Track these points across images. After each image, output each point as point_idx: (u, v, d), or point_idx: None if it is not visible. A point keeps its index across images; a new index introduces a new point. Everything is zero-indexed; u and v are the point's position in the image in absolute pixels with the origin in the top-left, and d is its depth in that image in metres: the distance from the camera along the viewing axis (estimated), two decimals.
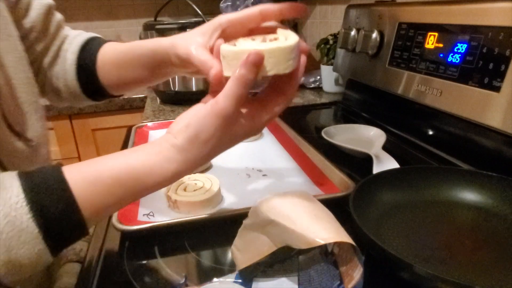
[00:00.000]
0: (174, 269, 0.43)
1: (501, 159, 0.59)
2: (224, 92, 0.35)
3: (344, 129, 0.81)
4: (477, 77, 0.59)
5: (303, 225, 0.35)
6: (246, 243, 0.39)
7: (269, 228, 0.37)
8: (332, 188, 0.57)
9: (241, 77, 0.34)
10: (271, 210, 0.37)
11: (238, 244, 0.40)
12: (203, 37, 0.42)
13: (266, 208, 0.37)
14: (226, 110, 0.34)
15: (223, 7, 1.20)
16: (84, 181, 0.34)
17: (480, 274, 0.38)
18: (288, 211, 0.36)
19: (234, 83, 0.34)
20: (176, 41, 0.44)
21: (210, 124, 0.35)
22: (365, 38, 0.88)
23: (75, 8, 1.74)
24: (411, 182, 0.53)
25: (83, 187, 0.33)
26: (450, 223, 0.47)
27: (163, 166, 0.36)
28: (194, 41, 0.42)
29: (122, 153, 0.37)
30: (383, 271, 0.39)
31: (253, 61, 0.34)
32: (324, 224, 0.36)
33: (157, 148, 0.36)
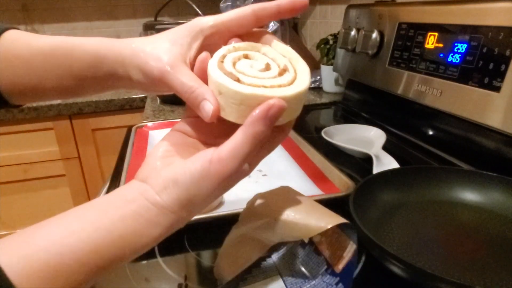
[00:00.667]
0: (174, 269, 0.43)
1: (501, 159, 0.59)
2: (230, 150, 0.27)
3: (344, 129, 0.81)
4: (477, 77, 0.59)
5: (303, 216, 0.35)
6: (234, 250, 0.39)
7: (264, 227, 0.37)
8: (332, 188, 0.57)
9: (257, 135, 0.27)
10: (265, 208, 0.37)
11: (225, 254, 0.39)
12: (179, 47, 0.31)
13: (259, 208, 0.37)
14: (231, 171, 0.27)
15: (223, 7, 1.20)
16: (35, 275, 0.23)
17: (480, 274, 0.38)
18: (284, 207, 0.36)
19: (246, 141, 0.27)
20: (138, 49, 0.32)
21: (209, 186, 0.27)
22: (365, 38, 0.88)
23: (75, 8, 1.74)
24: (411, 182, 0.53)
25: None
26: (450, 223, 0.47)
27: (143, 233, 0.27)
28: (167, 53, 0.30)
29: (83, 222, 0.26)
30: (383, 271, 0.39)
31: (275, 115, 0.26)
32: (320, 211, 0.36)
33: (133, 207, 0.27)
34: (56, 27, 1.75)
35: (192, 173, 0.27)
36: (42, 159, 1.35)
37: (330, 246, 0.37)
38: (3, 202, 1.38)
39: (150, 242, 0.27)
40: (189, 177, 0.27)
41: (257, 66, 0.30)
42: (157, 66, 0.30)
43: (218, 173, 0.27)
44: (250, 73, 0.29)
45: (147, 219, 0.27)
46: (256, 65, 0.30)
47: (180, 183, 0.27)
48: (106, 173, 1.42)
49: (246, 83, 0.27)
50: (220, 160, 0.27)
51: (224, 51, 0.30)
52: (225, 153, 0.27)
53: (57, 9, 1.72)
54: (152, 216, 0.27)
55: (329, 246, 0.37)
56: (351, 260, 0.35)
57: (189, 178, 0.27)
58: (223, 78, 0.27)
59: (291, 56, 0.31)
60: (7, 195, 1.38)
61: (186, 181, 0.27)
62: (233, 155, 0.27)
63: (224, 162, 0.27)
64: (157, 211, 0.27)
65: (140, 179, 0.29)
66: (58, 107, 1.28)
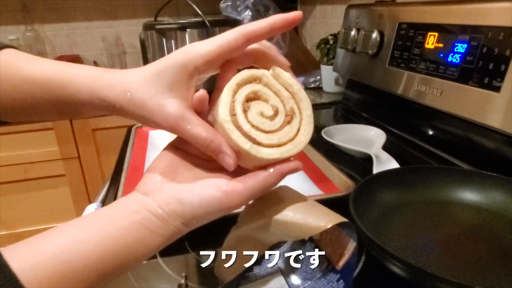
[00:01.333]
0: (174, 269, 0.43)
1: (501, 159, 0.59)
2: (247, 188, 0.29)
3: (344, 129, 0.81)
4: (477, 77, 0.59)
5: (303, 215, 0.35)
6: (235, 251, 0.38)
7: (263, 227, 0.37)
8: (332, 188, 0.57)
9: (272, 184, 0.30)
10: (264, 209, 0.37)
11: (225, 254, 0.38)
12: (177, 91, 0.30)
13: (259, 208, 0.37)
14: (238, 205, 0.29)
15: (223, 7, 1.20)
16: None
17: (480, 274, 0.38)
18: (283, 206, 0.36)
19: (261, 186, 0.30)
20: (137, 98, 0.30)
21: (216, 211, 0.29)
22: (365, 38, 0.88)
23: (75, 8, 1.74)
24: (411, 182, 0.53)
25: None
26: (450, 223, 0.47)
27: (146, 242, 0.27)
28: (170, 104, 0.29)
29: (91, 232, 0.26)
30: (383, 271, 0.39)
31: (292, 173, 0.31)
32: (319, 210, 0.36)
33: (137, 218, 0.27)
34: (56, 27, 1.75)
35: (202, 197, 0.28)
36: (42, 159, 1.35)
37: (330, 244, 0.37)
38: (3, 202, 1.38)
39: (151, 251, 0.28)
40: (198, 200, 0.28)
41: (266, 112, 0.31)
42: (165, 122, 0.30)
43: (228, 204, 0.28)
44: (264, 126, 0.30)
45: (151, 230, 0.27)
46: (266, 110, 0.31)
47: (186, 203, 0.28)
48: (106, 173, 1.42)
49: (264, 144, 0.29)
50: (236, 194, 0.28)
51: (230, 94, 0.30)
52: (242, 189, 0.29)
53: (57, 9, 1.72)
54: (155, 227, 0.28)
55: (329, 243, 0.38)
56: (352, 258, 0.35)
57: (197, 201, 0.28)
58: (243, 142, 0.29)
59: (294, 90, 0.32)
60: (7, 195, 1.38)
61: (193, 203, 0.28)
62: (248, 194, 0.29)
63: (238, 196, 0.28)
64: (160, 223, 0.28)
65: (142, 192, 0.29)
66: None
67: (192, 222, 0.29)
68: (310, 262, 0.38)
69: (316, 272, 0.38)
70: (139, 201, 0.28)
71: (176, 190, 0.29)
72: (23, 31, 1.67)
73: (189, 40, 1.09)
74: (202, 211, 0.28)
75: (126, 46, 1.88)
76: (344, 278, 0.36)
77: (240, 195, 0.29)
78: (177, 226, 0.28)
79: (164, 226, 0.28)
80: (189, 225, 0.29)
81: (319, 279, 0.38)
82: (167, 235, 0.28)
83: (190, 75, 0.30)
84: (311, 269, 0.38)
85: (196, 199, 0.28)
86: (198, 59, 0.30)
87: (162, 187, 0.29)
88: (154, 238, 0.28)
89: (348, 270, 0.35)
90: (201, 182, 0.29)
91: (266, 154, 0.29)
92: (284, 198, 0.37)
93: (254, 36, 0.31)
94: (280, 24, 0.31)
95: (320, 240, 0.38)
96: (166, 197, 0.28)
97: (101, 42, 1.83)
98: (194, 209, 0.28)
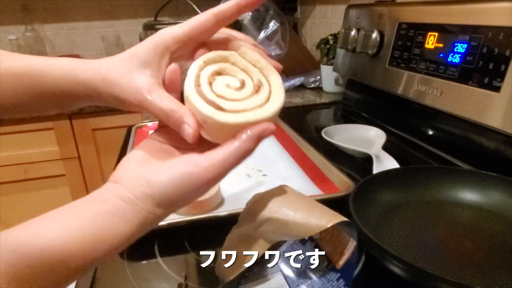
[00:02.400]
0: (174, 269, 0.43)
1: (501, 159, 0.59)
2: (220, 159, 0.28)
3: (344, 129, 0.81)
4: (477, 77, 0.59)
5: (303, 215, 0.35)
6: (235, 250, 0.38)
7: (264, 227, 0.37)
8: (332, 188, 0.57)
9: (248, 152, 0.29)
10: (264, 208, 0.37)
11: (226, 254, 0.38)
12: (150, 70, 0.31)
13: (259, 208, 0.37)
14: (214, 178, 0.28)
15: None
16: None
17: (480, 274, 0.38)
18: (284, 206, 0.36)
19: (235, 155, 0.28)
20: (110, 78, 0.31)
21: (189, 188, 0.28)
22: (365, 38, 0.88)
23: (75, 8, 1.74)
24: (411, 182, 0.53)
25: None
26: (450, 223, 0.47)
27: (114, 231, 0.26)
28: (141, 80, 0.31)
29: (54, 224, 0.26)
30: (383, 271, 0.39)
31: (266, 136, 0.29)
32: (320, 209, 0.36)
33: (105, 207, 0.27)
34: (56, 27, 1.75)
35: (172, 174, 0.27)
36: (42, 159, 1.35)
37: (330, 243, 0.38)
38: (3, 202, 1.38)
39: (122, 241, 0.27)
40: (167, 176, 0.27)
41: (233, 83, 0.30)
42: (134, 96, 0.31)
43: (202, 178, 0.27)
44: (229, 95, 0.29)
45: (119, 217, 0.27)
46: (232, 82, 0.30)
47: (155, 182, 0.27)
48: (106, 173, 1.42)
49: (229, 110, 0.28)
50: (209, 165, 0.27)
51: (196, 69, 0.30)
52: (215, 158, 0.28)
53: (57, 9, 1.72)
54: (125, 213, 0.27)
55: (329, 242, 0.38)
56: (352, 257, 0.35)
57: (167, 178, 0.27)
58: (207, 108, 0.28)
59: (261, 65, 0.32)
60: (7, 195, 1.38)
61: (163, 180, 0.27)
62: (222, 164, 0.28)
63: (212, 167, 0.27)
64: (129, 208, 0.27)
65: (113, 181, 0.29)
66: None
67: (165, 203, 0.28)
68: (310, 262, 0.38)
69: (316, 271, 0.38)
70: (109, 190, 0.28)
71: (147, 172, 0.28)
72: (23, 31, 1.67)
73: None
74: (173, 189, 0.27)
75: (126, 46, 1.88)
76: (344, 277, 0.36)
77: (215, 165, 0.27)
78: (148, 209, 0.27)
79: (134, 210, 0.27)
80: (162, 206, 0.28)
81: (319, 278, 0.38)
82: (139, 221, 0.27)
83: (161, 54, 0.31)
84: (311, 269, 0.39)
85: (166, 175, 0.27)
86: (169, 39, 0.31)
87: (133, 173, 0.28)
88: (122, 225, 0.27)
89: (348, 269, 0.35)
90: (171, 161, 0.28)
91: (231, 118, 0.28)
92: (284, 197, 0.37)
93: (223, 15, 0.32)
94: (245, 5, 0.32)
95: (320, 239, 0.38)
96: (136, 180, 0.28)
97: (101, 42, 1.83)
98: (164, 187, 0.27)
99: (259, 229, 0.37)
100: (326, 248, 0.38)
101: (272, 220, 0.36)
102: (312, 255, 0.38)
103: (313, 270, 0.38)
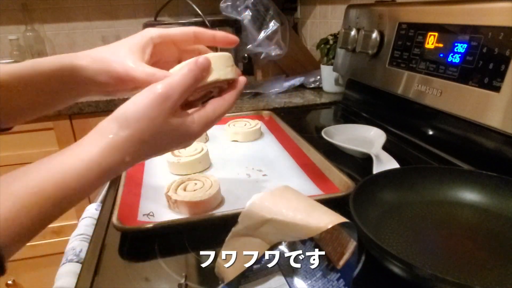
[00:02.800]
0: (174, 269, 0.43)
1: (501, 159, 0.59)
2: (169, 81, 0.34)
3: (344, 129, 0.81)
4: (477, 77, 0.59)
5: (303, 216, 0.35)
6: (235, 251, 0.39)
7: (264, 228, 0.37)
8: (332, 188, 0.57)
9: (193, 73, 0.35)
10: (264, 209, 0.37)
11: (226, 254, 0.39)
12: (135, 52, 0.39)
13: (259, 209, 0.37)
14: (170, 97, 0.33)
15: (223, 7, 1.20)
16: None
17: (480, 274, 0.38)
18: (284, 207, 0.36)
19: (185, 75, 0.34)
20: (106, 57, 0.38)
21: (152, 114, 0.33)
22: (365, 38, 0.88)
23: (75, 8, 1.74)
24: (411, 182, 0.53)
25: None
26: (450, 223, 0.47)
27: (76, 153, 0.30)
28: (127, 56, 0.38)
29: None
30: (383, 271, 0.39)
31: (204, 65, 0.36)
32: (320, 210, 0.36)
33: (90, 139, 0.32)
34: (56, 27, 1.75)
35: (134, 97, 0.33)
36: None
37: (330, 243, 0.38)
38: None
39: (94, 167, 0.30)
40: (129, 101, 0.33)
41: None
42: (121, 65, 0.37)
43: (161, 95, 0.32)
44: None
45: (86, 143, 0.31)
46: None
47: (120, 107, 0.33)
48: None
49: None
50: (167, 84, 0.33)
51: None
52: (173, 80, 0.33)
53: (57, 9, 1.72)
54: (90, 139, 0.32)
55: (329, 242, 0.38)
56: (352, 257, 0.35)
57: (129, 101, 0.33)
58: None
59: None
60: None
61: (126, 104, 0.33)
62: (179, 83, 0.33)
63: (169, 85, 0.33)
64: (94, 134, 0.32)
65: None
66: None
67: (127, 124, 0.32)
68: (310, 262, 0.38)
69: (316, 271, 0.38)
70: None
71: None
72: (23, 31, 1.67)
73: None
74: (133, 106, 0.32)
75: None
76: (344, 277, 0.36)
77: (172, 82, 0.33)
78: (112, 131, 0.32)
79: (99, 135, 0.32)
80: (124, 127, 0.32)
81: (319, 278, 0.38)
82: (105, 144, 0.31)
83: (146, 43, 0.39)
84: (311, 269, 0.39)
85: (130, 100, 0.33)
86: (154, 33, 0.40)
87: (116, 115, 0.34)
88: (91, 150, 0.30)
89: (348, 269, 0.35)
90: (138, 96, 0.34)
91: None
92: (284, 198, 0.37)
93: (201, 36, 0.41)
94: (220, 38, 0.42)
95: (320, 239, 0.38)
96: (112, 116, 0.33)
97: (101, 42, 1.83)
98: (125, 107, 0.33)
99: (259, 229, 0.37)
100: (326, 248, 0.38)
101: (272, 222, 0.36)
102: (312, 255, 0.38)
103: (313, 270, 0.38)
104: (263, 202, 0.37)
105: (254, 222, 0.37)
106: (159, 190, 0.57)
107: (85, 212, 0.66)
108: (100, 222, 0.54)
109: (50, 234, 1.38)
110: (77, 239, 0.58)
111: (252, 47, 1.21)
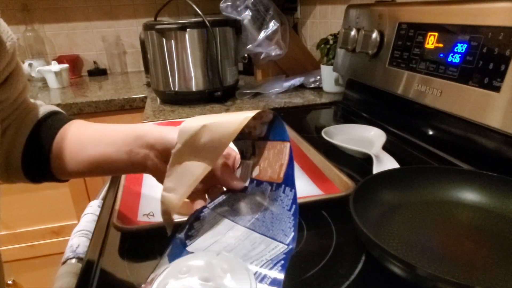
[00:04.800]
0: None
1: (501, 159, 0.59)
2: None
3: (344, 129, 0.81)
4: (477, 77, 0.59)
5: (231, 116, 0.40)
6: (177, 178, 0.40)
7: (202, 139, 0.39)
8: (332, 188, 0.57)
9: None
10: (198, 121, 0.40)
11: (169, 184, 0.41)
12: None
13: (193, 122, 0.40)
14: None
15: (223, 7, 1.20)
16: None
17: (480, 274, 0.38)
18: (213, 117, 0.40)
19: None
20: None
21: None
22: (365, 38, 0.88)
23: (75, 8, 1.74)
24: (411, 182, 0.53)
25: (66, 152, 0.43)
26: (450, 223, 0.47)
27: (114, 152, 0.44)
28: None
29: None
30: (383, 271, 0.39)
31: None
32: (246, 112, 0.40)
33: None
34: (56, 27, 1.75)
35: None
36: None
37: (268, 167, 0.42)
38: (3, 202, 1.38)
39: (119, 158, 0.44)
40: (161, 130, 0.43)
41: None
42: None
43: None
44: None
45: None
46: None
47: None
48: None
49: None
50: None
51: None
52: None
53: (57, 9, 1.72)
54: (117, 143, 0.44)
55: (268, 168, 0.42)
56: (289, 159, 0.40)
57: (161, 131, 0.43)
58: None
59: None
60: (7, 195, 1.38)
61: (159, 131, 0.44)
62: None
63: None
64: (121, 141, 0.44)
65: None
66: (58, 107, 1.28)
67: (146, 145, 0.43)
68: (254, 199, 0.42)
69: (262, 203, 0.41)
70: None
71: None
72: (23, 31, 1.67)
73: (189, 40, 1.09)
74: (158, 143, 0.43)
75: (126, 46, 1.88)
76: (287, 183, 0.40)
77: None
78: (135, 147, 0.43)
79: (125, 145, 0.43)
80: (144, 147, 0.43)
81: (268, 205, 0.40)
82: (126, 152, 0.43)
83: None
84: (257, 203, 0.41)
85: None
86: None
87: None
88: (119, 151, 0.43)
89: (288, 175, 0.40)
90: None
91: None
92: (212, 115, 0.41)
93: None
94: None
95: (259, 173, 0.43)
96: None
97: (101, 42, 1.83)
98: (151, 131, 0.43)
99: (197, 144, 0.39)
100: (266, 175, 0.42)
101: (207, 127, 0.39)
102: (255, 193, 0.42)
103: (260, 204, 0.41)
104: (195, 119, 0.41)
105: (191, 133, 0.39)
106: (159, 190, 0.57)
107: (87, 208, 0.66)
108: (100, 222, 0.54)
109: (50, 234, 1.39)
110: (76, 236, 0.58)
111: (252, 47, 1.21)
